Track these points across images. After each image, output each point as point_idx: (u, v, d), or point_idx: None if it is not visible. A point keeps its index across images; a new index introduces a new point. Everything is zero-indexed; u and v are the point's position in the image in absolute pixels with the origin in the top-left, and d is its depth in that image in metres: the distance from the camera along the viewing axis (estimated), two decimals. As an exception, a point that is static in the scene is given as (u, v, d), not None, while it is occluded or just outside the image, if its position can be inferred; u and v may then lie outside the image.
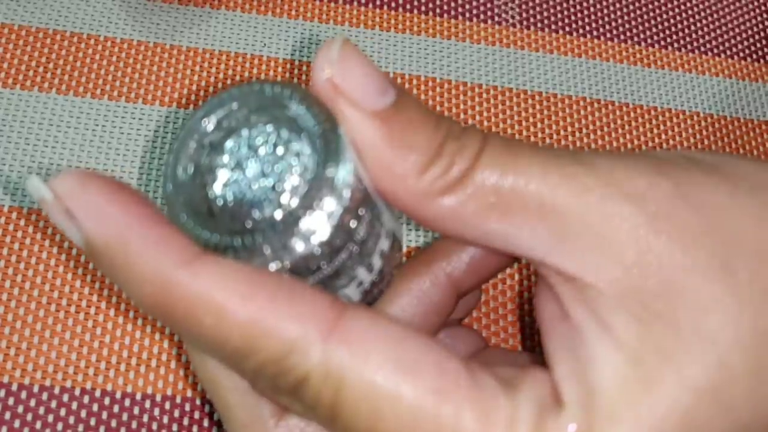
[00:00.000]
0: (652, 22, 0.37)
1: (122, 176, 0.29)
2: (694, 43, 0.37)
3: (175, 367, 0.26)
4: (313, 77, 0.17)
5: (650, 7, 0.37)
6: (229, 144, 0.18)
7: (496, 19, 0.36)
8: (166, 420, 0.25)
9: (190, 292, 0.15)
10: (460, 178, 0.16)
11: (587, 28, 0.36)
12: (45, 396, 0.25)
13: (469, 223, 0.17)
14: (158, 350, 0.26)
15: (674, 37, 0.37)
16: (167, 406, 0.25)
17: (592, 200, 0.16)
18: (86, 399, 0.25)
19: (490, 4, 0.36)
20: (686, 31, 0.37)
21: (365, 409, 0.16)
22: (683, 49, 0.36)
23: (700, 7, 0.38)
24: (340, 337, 0.16)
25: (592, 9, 0.37)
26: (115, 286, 0.27)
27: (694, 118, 0.34)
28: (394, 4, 0.35)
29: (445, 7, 0.36)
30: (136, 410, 0.25)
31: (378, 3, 0.35)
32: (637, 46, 0.36)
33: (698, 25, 0.37)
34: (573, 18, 0.36)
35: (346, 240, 0.17)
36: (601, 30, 0.36)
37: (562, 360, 0.17)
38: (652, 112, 0.34)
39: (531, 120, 0.33)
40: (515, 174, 0.16)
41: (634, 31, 0.36)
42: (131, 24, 0.33)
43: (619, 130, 0.33)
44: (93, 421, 0.25)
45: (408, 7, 0.35)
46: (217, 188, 0.18)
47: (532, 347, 0.28)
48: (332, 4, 0.35)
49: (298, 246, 0.16)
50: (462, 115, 0.33)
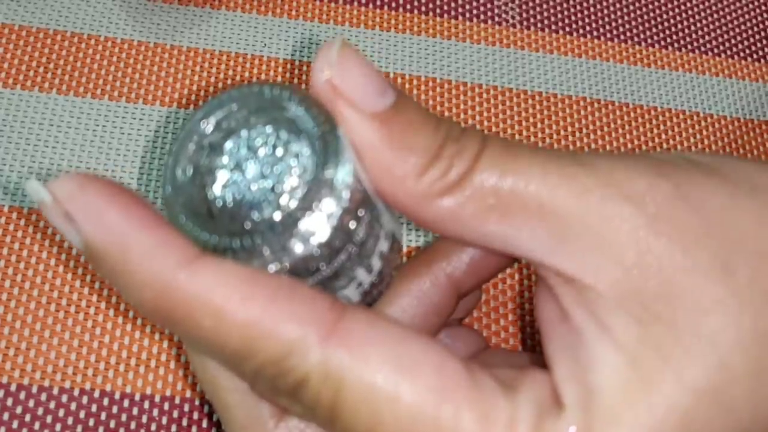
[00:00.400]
0: (652, 22, 0.37)
1: (122, 177, 0.29)
2: (695, 43, 0.37)
3: (174, 368, 0.26)
4: (312, 78, 0.17)
5: (650, 7, 0.37)
6: (229, 145, 0.18)
7: (496, 19, 0.35)
8: (165, 421, 0.25)
9: (189, 293, 0.15)
10: (459, 180, 0.16)
11: (587, 28, 0.36)
12: (44, 397, 0.25)
13: (469, 224, 0.17)
14: (157, 351, 0.26)
15: (674, 37, 0.37)
16: (166, 406, 0.25)
17: (592, 201, 0.16)
18: (85, 400, 0.25)
19: (490, 5, 0.36)
20: (686, 31, 0.37)
21: (365, 410, 0.16)
22: (683, 49, 0.36)
23: (701, 7, 0.38)
24: (339, 338, 0.16)
25: (592, 9, 0.37)
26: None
27: (694, 118, 0.34)
28: (394, 5, 0.35)
29: (445, 8, 0.35)
30: (135, 411, 0.25)
31: (378, 3, 0.35)
32: (637, 46, 0.36)
33: (698, 25, 0.37)
34: (573, 18, 0.36)
35: (346, 241, 0.17)
36: (601, 30, 0.36)
37: (562, 361, 0.17)
38: (652, 112, 0.34)
39: (531, 120, 0.33)
40: (515, 175, 0.16)
41: (634, 31, 0.36)
42: (132, 24, 0.33)
43: (619, 131, 0.33)
44: (92, 422, 0.25)
45: (408, 7, 0.35)
46: (216, 189, 0.18)
47: (533, 347, 0.28)
48: (332, 5, 0.35)
49: (298, 247, 0.16)
50: (462, 116, 0.33)
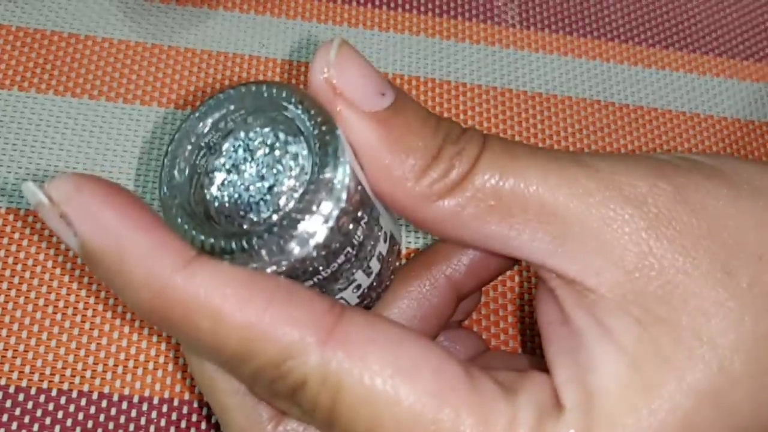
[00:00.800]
0: (653, 23, 0.37)
1: (119, 177, 0.29)
2: (695, 44, 0.36)
3: (172, 370, 0.26)
4: (310, 78, 0.17)
5: (651, 7, 0.37)
6: (226, 146, 0.17)
7: (496, 19, 0.35)
8: (163, 423, 0.25)
9: (187, 296, 0.15)
10: (459, 181, 0.16)
11: (587, 29, 0.36)
12: (42, 398, 0.25)
13: (469, 226, 0.17)
14: (155, 352, 0.26)
15: (675, 38, 0.36)
16: (164, 408, 0.25)
17: (593, 203, 0.16)
18: (83, 401, 0.25)
19: (489, 5, 0.36)
20: (687, 32, 0.37)
21: (364, 413, 0.15)
22: (684, 50, 0.36)
23: (702, 7, 0.38)
24: (337, 340, 0.16)
25: (592, 9, 0.37)
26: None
27: (695, 119, 0.34)
28: (393, 4, 0.35)
29: (445, 7, 0.35)
30: (134, 413, 0.25)
31: (377, 3, 0.35)
32: (637, 47, 0.36)
33: (699, 25, 0.37)
34: (573, 18, 0.36)
35: (344, 243, 0.17)
36: (602, 30, 0.36)
37: (563, 364, 0.16)
38: (653, 113, 0.34)
39: (531, 121, 0.33)
40: (515, 177, 0.16)
41: (635, 31, 0.36)
42: (129, 25, 0.32)
43: (620, 131, 0.33)
44: (90, 424, 0.25)
45: (407, 7, 0.35)
46: (213, 190, 0.17)
47: (533, 349, 0.28)
48: (330, 4, 0.34)
49: (295, 249, 0.16)
50: (461, 116, 0.33)
